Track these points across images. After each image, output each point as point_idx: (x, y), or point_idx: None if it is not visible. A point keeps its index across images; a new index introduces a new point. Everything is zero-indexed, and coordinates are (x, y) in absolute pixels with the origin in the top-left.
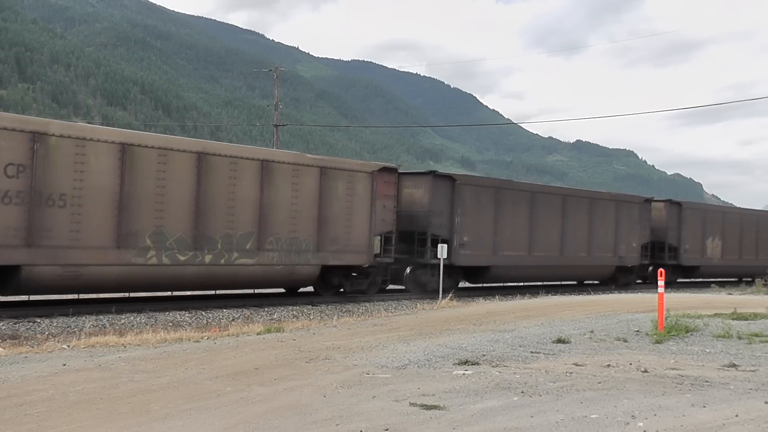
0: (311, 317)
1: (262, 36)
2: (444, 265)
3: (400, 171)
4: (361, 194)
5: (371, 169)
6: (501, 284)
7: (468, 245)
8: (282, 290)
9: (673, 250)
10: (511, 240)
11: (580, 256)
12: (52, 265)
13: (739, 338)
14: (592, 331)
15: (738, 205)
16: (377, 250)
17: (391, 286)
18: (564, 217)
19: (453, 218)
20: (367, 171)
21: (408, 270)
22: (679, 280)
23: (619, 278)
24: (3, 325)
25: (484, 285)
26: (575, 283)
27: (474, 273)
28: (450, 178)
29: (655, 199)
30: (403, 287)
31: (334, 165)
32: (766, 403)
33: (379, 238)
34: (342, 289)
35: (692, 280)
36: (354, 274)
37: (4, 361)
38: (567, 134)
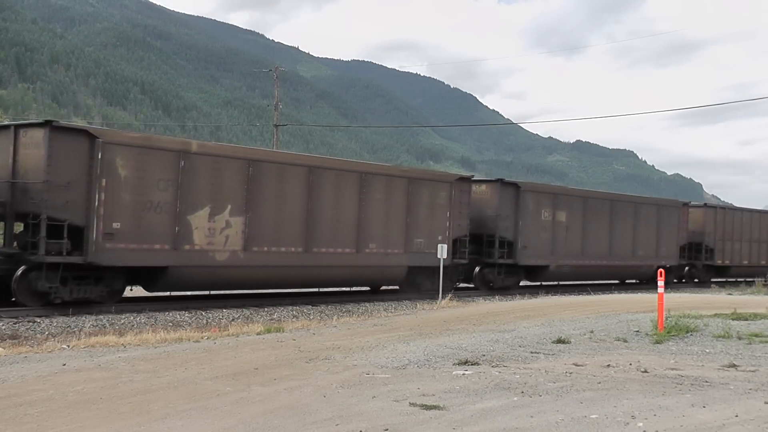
0: (311, 317)
1: (263, 36)
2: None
3: None
4: None
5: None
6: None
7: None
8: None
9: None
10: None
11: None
12: None
13: (739, 338)
14: (592, 332)
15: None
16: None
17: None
18: None
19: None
20: None
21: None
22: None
23: None
24: (3, 325)
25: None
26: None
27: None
28: None
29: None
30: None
31: None
32: (766, 403)
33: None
34: None
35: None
36: None
37: (4, 361)
38: (567, 134)
